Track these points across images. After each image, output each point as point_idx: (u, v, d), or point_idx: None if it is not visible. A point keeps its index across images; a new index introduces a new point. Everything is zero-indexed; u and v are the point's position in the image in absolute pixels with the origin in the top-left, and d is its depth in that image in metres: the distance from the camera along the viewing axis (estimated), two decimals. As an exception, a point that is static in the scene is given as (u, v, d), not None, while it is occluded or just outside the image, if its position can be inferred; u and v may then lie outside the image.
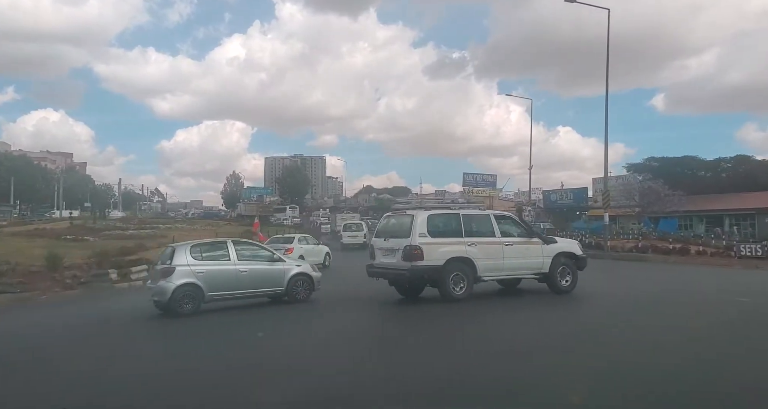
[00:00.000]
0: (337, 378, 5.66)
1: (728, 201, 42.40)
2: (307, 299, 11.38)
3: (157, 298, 10.29)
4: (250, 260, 11.07)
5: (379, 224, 11.84)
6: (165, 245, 22.19)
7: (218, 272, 10.56)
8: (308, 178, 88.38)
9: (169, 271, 10.19)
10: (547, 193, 58.65)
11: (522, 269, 11.02)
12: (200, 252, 10.73)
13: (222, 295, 10.62)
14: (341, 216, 51.65)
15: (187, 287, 10.10)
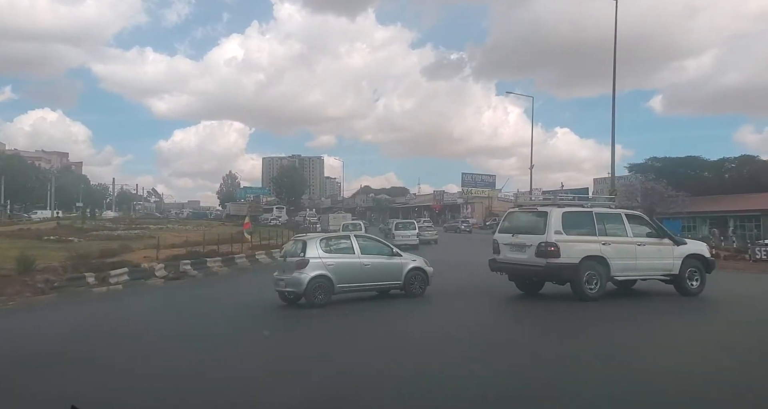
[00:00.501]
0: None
1: (733, 202, 41.52)
2: (422, 293, 11.57)
3: (291, 289, 10.74)
4: (371, 254, 11.46)
5: (503, 220, 11.95)
6: (152, 246, 21.47)
7: (346, 265, 11.01)
8: (305, 179, 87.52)
9: (303, 263, 10.63)
10: (548, 194, 57.70)
11: (653, 269, 10.94)
12: (329, 245, 11.28)
13: (349, 287, 11.06)
14: (333, 216, 51.90)
15: (319, 279, 10.59)
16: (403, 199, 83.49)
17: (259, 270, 21.62)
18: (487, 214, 69.33)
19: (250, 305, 11.99)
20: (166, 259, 19.22)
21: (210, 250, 21.57)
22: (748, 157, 46.77)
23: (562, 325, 8.97)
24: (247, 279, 18.80)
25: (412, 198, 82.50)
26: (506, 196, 71.91)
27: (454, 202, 72.84)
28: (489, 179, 72.55)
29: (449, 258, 22.37)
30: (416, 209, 79.18)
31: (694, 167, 47.39)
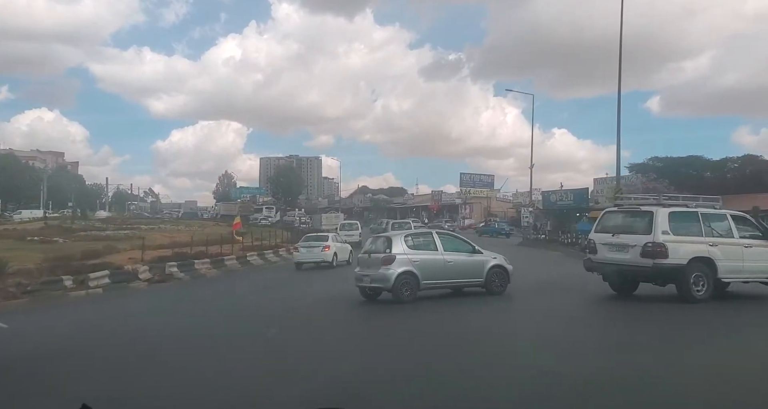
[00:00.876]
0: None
1: (737, 202, 40.71)
2: (503, 291, 11.54)
3: (377, 284, 10.82)
4: (453, 251, 11.42)
5: (600, 220, 11.60)
6: (140, 247, 20.65)
7: (430, 262, 10.99)
8: (301, 179, 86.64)
9: (390, 259, 10.68)
10: (547, 193, 56.85)
11: (760, 272, 10.73)
12: (413, 242, 11.27)
13: (433, 284, 11.07)
14: (326, 216, 51.89)
15: (406, 275, 10.61)
16: (401, 199, 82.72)
17: (250, 272, 20.88)
18: (486, 214, 68.65)
19: (252, 309, 11.38)
20: (151, 261, 18.41)
21: (198, 251, 20.75)
22: (751, 156, 46.05)
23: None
24: (236, 281, 18.02)
25: (410, 198, 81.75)
26: (505, 196, 71.43)
27: (453, 202, 72.07)
28: (487, 179, 71.85)
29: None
30: (414, 209, 78.43)
31: (696, 167, 46.70)
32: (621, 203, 12.52)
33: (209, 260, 19.93)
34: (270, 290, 15.14)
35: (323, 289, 14.69)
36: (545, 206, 56.58)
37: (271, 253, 25.13)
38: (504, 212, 67.43)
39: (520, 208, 56.56)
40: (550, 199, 56.63)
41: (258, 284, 17.08)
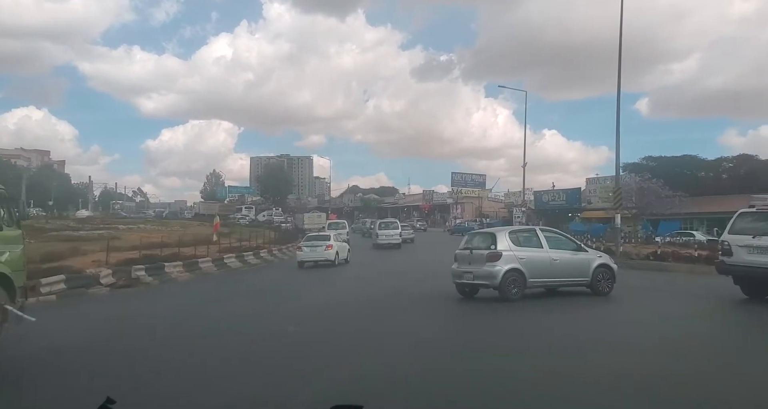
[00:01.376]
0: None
1: (731, 203, 39.98)
2: (610, 292, 11.11)
3: (482, 281, 10.55)
4: (559, 249, 11.04)
5: (735, 220, 11.08)
6: (112, 248, 19.24)
7: (536, 259, 10.65)
8: (290, 178, 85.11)
9: (496, 255, 10.40)
10: (539, 193, 55.98)
11: None
12: (517, 238, 10.94)
13: (539, 282, 10.75)
14: (308, 215, 51.41)
15: (513, 273, 10.31)
16: (392, 199, 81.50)
17: (227, 276, 19.52)
18: (478, 214, 67.66)
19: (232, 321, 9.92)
20: (117, 263, 17.04)
21: (170, 253, 19.37)
22: (746, 156, 45.38)
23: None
24: (211, 287, 16.69)
25: (401, 198, 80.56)
26: (496, 196, 70.44)
27: (444, 202, 71.01)
28: (479, 179, 70.86)
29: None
30: (405, 209, 77.33)
31: (691, 167, 45.95)
32: (755, 204, 12.39)
33: (182, 263, 18.58)
34: (252, 297, 13.89)
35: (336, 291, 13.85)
36: (537, 206, 55.65)
37: (251, 255, 23.79)
38: (496, 212, 66.45)
39: (512, 208, 55.57)
40: (542, 199, 55.74)
41: (236, 288, 15.92)
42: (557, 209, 53.40)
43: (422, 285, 14.44)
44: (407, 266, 20.90)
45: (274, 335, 8.13)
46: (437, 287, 12.70)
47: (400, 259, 25.31)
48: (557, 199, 53.58)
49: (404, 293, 12.65)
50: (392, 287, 14.00)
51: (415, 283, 15.04)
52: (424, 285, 14.38)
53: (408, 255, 27.77)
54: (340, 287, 15.90)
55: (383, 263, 22.88)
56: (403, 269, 19.22)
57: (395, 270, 19.10)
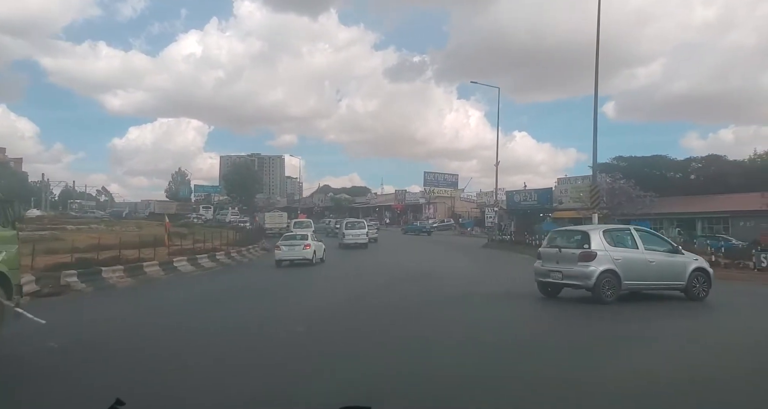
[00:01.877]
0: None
1: (701, 203, 40.19)
2: (705, 297, 10.65)
3: (574, 281, 10.16)
4: (653, 250, 10.59)
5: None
6: (45, 251, 17.39)
7: (632, 260, 10.21)
8: (258, 176, 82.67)
9: (590, 255, 9.98)
10: (511, 193, 55.47)
11: None
12: (612, 238, 10.47)
13: (634, 285, 10.31)
14: (269, 215, 50.97)
15: (608, 274, 9.90)
16: (364, 199, 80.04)
17: (176, 282, 17.76)
18: (450, 214, 66.96)
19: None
20: (47, 268, 15.14)
21: (110, 256, 17.51)
22: (714, 156, 45.69)
23: None
24: (154, 294, 15.02)
25: (373, 198, 79.20)
26: (469, 196, 69.82)
27: (417, 202, 70.08)
28: (451, 179, 70.21)
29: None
30: (377, 209, 76.12)
31: (660, 167, 46.04)
32: None
33: (123, 267, 16.75)
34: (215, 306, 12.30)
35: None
36: (509, 206, 55.13)
37: (206, 257, 22.03)
38: (468, 212, 65.89)
39: (484, 208, 54.91)
40: (514, 199, 55.22)
41: (187, 295, 14.36)
42: (529, 209, 52.97)
43: (422, 284, 14.59)
44: (386, 265, 20.71)
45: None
46: (451, 288, 12.85)
47: (374, 258, 25.31)
48: (529, 199, 53.16)
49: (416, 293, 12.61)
50: (400, 293, 13.31)
51: (409, 281, 15.08)
52: (424, 284, 14.52)
53: (379, 254, 27.26)
54: (323, 288, 15.73)
55: (361, 262, 23.03)
56: (386, 268, 18.76)
57: (377, 269, 18.54)
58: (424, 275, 17.07)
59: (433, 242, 38.98)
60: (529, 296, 11.52)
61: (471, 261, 23.09)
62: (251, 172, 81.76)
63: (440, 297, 12.18)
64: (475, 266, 21.28)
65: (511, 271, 18.68)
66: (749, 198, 35.49)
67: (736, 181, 40.39)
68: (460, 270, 19.04)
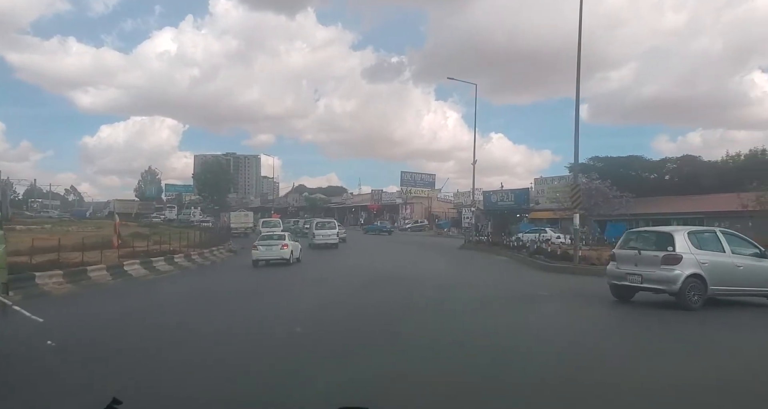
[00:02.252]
0: None
1: (676, 204, 40.05)
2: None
3: (656, 286, 9.75)
4: (740, 254, 10.08)
5: None
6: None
7: (719, 264, 9.74)
8: (231, 175, 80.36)
9: (675, 258, 9.53)
10: (488, 194, 54.86)
11: None
12: (697, 240, 9.97)
13: (720, 290, 9.80)
14: (235, 214, 50.43)
15: (694, 278, 9.46)
16: (339, 198, 78.60)
17: (122, 288, 16.14)
18: (427, 214, 66.10)
19: None
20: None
21: (48, 260, 15.81)
22: (689, 157, 45.83)
23: None
24: (90, 303, 13.43)
25: (349, 198, 77.80)
26: (446, 196, 69.07)
27: (393, 202, 69.01)
28: (429, 179, 69.36)
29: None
30: (353, 210, 74.83)
31: (636, 167, 45.93)
32: None
33: (62, 272, 15.10)
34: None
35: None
36: (486, 207, 54.50)
37: (162, 260, 20.42)
38: (445, 212, 65.10)
39: (461, 208, 54.09)
40: (491, 199, 54.66)
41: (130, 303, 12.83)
42: (506, 210, 52.46)
43: (406, 286, 14.02)
44: (362, 265, 20.20)
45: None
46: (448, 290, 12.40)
47: (346, 258, 25.27)
48: (506, 199, 52.61)
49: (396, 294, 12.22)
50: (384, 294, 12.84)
51: (393, 283, 14.64)
52: (410, 286, 13.91)
53: (351, 255, 26.31)
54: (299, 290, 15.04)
55: (338, 262, 23.32)
56: (364, 271, 18.08)
57: (357, 271, 17.78)
58: (408, 278, 15.95)
59: (407, 243, 37.88)
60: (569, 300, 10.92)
61: (450, 263, 22.03)
62: (223, 171, 79.49)
63: (460, 301, 11.46)
64: (458, 268, 20.25)
65: (495, 273, 17.71)
66: (724, 199, 35.43)
67: (709, 182, 40.45)
68: (443, 272, 18.04)
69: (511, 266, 20.45)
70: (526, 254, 21.55)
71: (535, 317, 9.86)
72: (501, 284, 14.82)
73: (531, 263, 19.11)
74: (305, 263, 22.35)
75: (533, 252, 20.96)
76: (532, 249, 21.61)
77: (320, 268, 20.67)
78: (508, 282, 15.22)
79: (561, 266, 16.72)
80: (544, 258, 18.58)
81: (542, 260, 18.47)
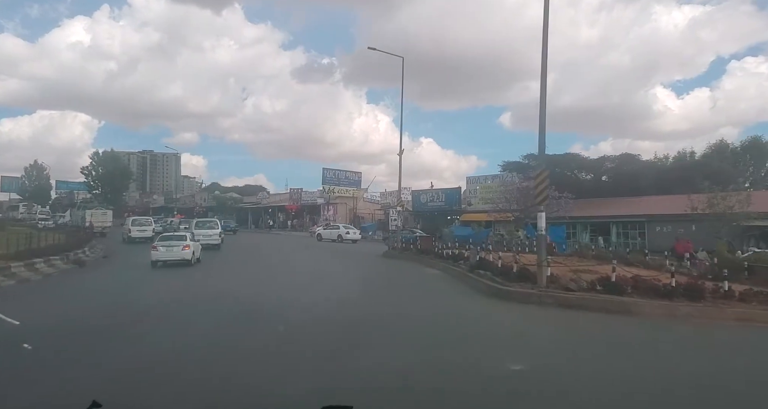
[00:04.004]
0: None
1: (616, 206, 37.32)
2: None
3: None
4: None
5: None
6: None
7: None
8: (129, 171, 70.18)
9: None
10: (417, 193, 50.25)
11: None
12: None
13: None
14: (91, 212, 47.00)
15: None
16: (255, 198, 70.99)
17: None
18: (352, 216, 60.61)
19: None
20: None
21: None
22: (628, 156, 43.60)
23: None
24: None
25: (265, 197, 70.36)
26: (373, 196, 63.72)
27: (315, 202, 62.75)
28: (354, 177, 63.77)
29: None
30: (270, 210, 67.80)
31: (572, 166, 43.10)
32: None
33: None
34: None
35: None
36: (415, 208, 49.83)
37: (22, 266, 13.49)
38: (371, 213, 59.94)
39: (388, 209, 49.16)
40: (420, 199, 50.08)
41: None
42: (436, 211, 48.11)
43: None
44: (232, 289, 14.53)
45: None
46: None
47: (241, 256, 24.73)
48: (436, 199, 48.24)
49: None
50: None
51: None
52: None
53: (230, 266, 21.89)
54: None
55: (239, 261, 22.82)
56: (232, 295, 12.70)
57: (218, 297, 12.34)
58: (297, 310, 10.29)
59: (322, 249, 32.18)
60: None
61: (366, 281, 16.53)
62: (121, 164, 69.23)
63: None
64: (374, 290, 14.59)
65: (427, 302, 12.27)
66: (668, 201, 32.93)
67: (648, 183, 38.22)
68: (351, 299, 12.14)
69: (449, 286, 15.09)
70: (466, 269, 16.53)
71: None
72: (440, 330, 9.27)
73: (475, 282, 13.97)
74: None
75: (475, 266, 15.99)
76: (474, 261, 16.64)
77: (165, 294, 13.63)
78: (451, 326, 9.54)
79: (520, 291, 11.41)
80: (491, 276, 13.54)
81: (490, 279, 13.35)
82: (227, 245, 30.95)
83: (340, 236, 39.50)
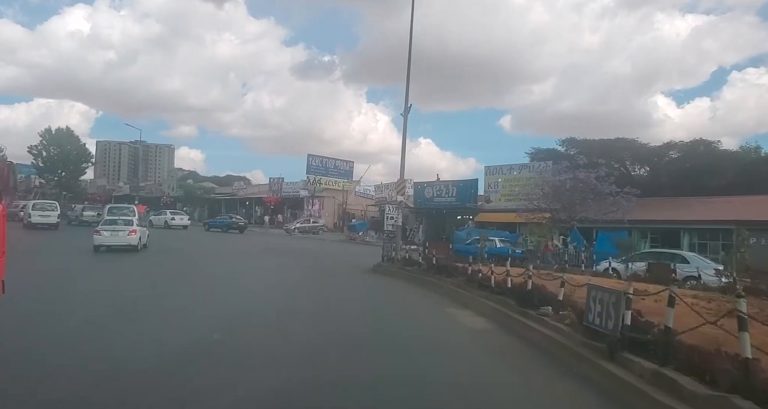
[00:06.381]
0: None
1: (687, 208, 28.13)
2: None
3: None
4: None
5: None
6: None
7: None
8: (87, 152, 60.86)
9: None
10: (421, 186, 40.71)
11: None
12: None
13: None
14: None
15: None
16: (229, 189, 61.47)
17: None
18: (341, 212, 51.23)
19: None
20: None
21: None
22: (701, 143, 34.05)
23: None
24: None
25: (242, 188, 60.86)
26: (366, 190, 54.32)
27: (297, 195, 53.34)
28: (345, 167, 54.37)
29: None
30: (247, 202, 58.53)
31: (624, 157, 33.83)
32: None
33: None
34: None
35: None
36: (418, 204, 40.36)
37: None
38: (364, 210, 50.64)
39: (384, 205, 39.82)
40: (424, 193, 40.52)
41: None
42: (444, 209, 38.69)
43: None
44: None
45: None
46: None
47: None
48: (445, 194, 38.75)
49: None
50: None
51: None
52: None
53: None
54: None
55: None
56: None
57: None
58: None
59: (284, 254, 23.03)
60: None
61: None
62: (76, 144, 59.86)
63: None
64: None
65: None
66: (759, 203, 23.98)
67: (727, 181, 29.11)
68: None
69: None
70: (562, 321, 7.17)
71: None
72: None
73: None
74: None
75: (578, 318, 6.71)
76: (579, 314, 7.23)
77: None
78: None
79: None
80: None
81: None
82: (150, 248, 22.29)
83: (167, 222, 41.07)
